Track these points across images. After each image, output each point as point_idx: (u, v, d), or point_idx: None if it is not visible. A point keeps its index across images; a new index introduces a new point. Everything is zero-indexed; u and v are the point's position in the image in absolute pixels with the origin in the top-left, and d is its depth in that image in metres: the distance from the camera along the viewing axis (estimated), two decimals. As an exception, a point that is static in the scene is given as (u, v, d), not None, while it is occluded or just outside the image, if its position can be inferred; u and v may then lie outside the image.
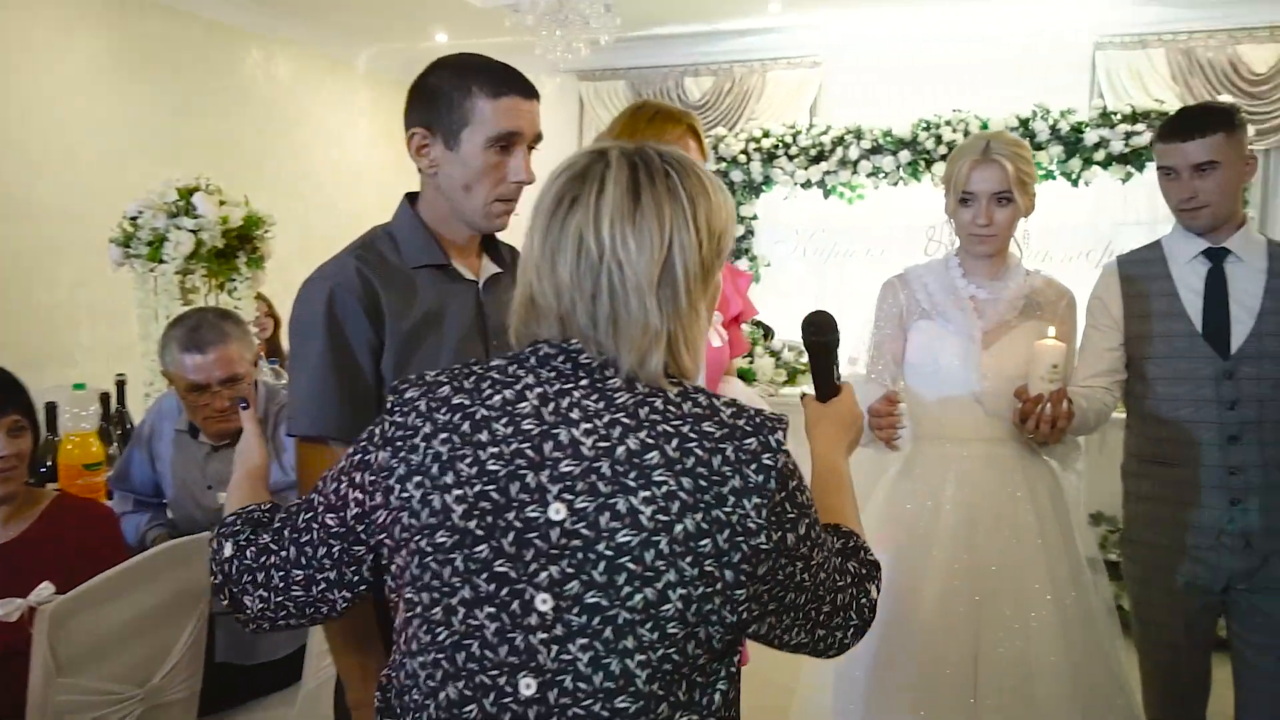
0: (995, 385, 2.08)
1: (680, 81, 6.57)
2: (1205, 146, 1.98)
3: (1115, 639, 2.15)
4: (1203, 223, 2.04)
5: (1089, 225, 5.58)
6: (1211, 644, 2.18)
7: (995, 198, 2.05)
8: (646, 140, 1.89)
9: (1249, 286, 2.03)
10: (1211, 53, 5.48)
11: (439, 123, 1.49)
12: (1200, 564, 2.06)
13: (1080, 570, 2.10)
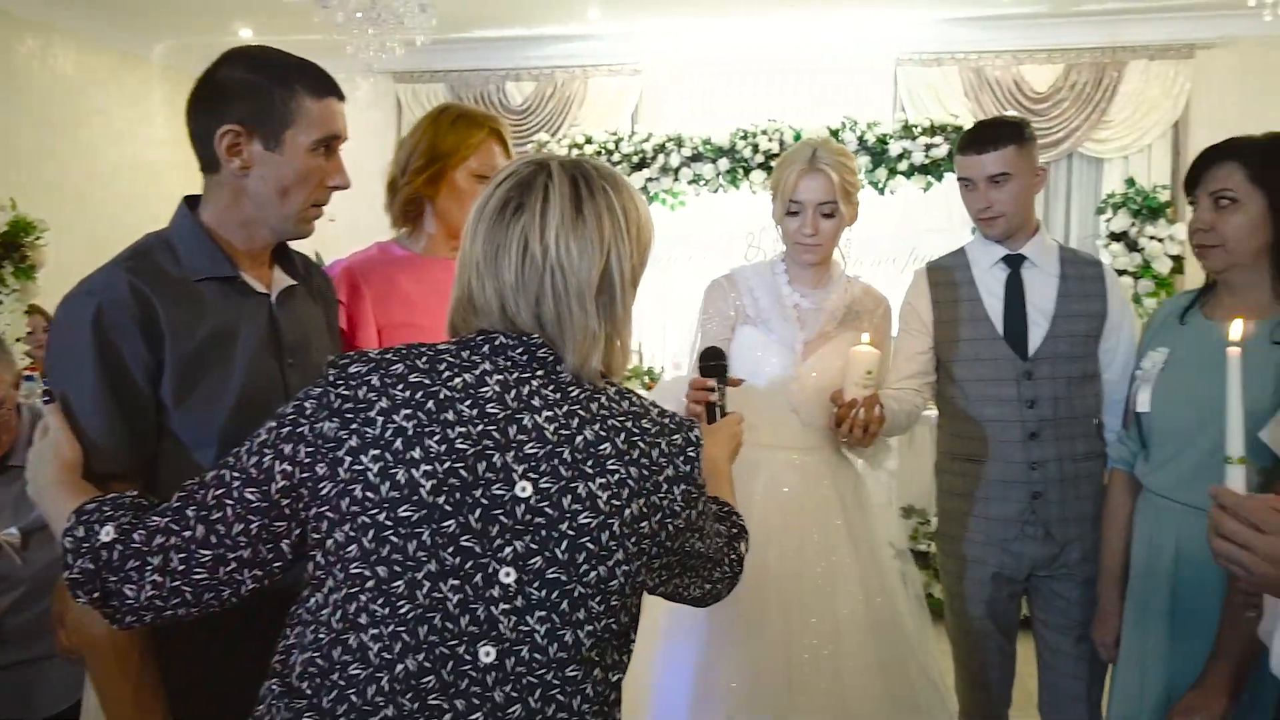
0: (812, 396, 2.12)
1: (501, 86, 6.47)
2: (998, 159, 2.08)
3: (925, 630, 2.25)
4: (999, 231, 2.15)
5: (895, 233, 5.88)
6: (1016, 630, 2.30)
7: (820, 208, 2.07)
8: (449, 143, 1.84)
9: (1044, 291, 2.15)
10: (998, 72, 5.89)
11: (258, 121, 1.38)
12: (1006, 554, 2.16)
13: (887, 572, 2.17)
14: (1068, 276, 2.15)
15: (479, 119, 1.89)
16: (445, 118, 1.87)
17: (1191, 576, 1.75)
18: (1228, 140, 1.79)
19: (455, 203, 1.85)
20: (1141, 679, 1.83)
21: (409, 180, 1.84)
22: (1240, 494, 1.09)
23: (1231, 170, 1.73)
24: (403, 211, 1.88)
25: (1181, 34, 5.75)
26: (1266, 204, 1.71)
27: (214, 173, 1.42)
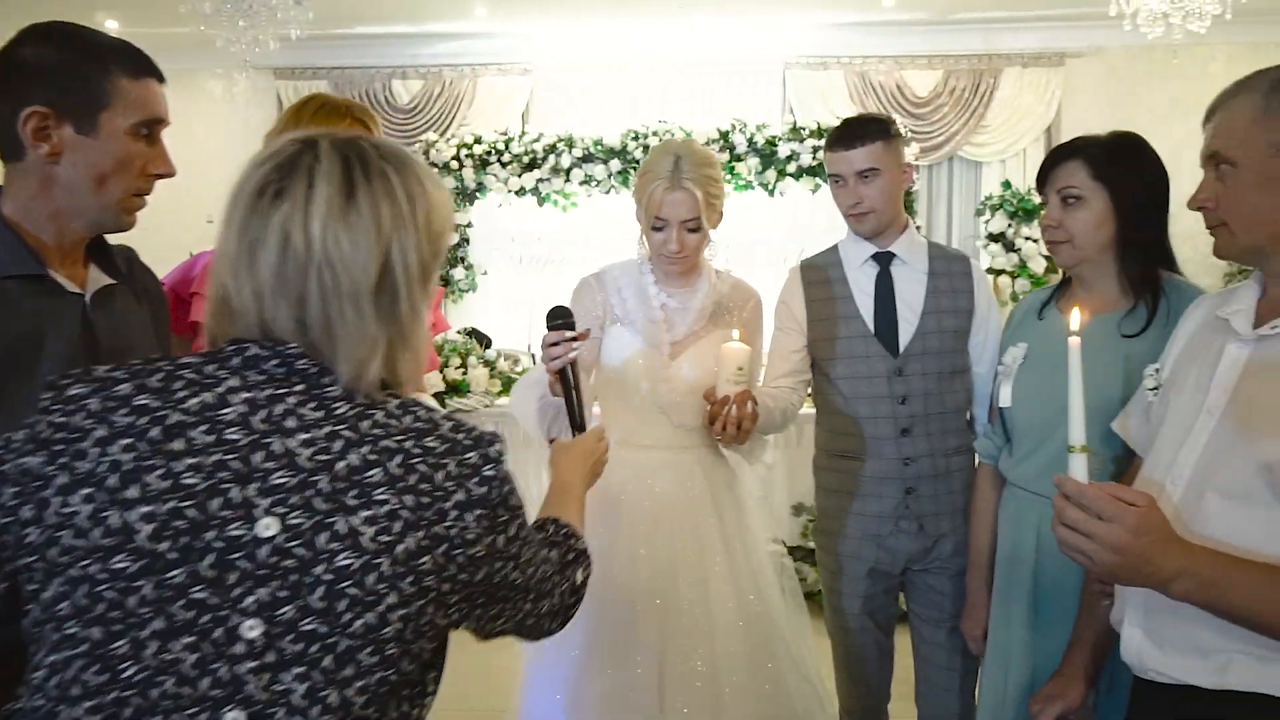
0: (682, 397, 2.11)
1: (387, 84, 6.30)
2: (866, 154, 2.09)
3: (804, 629, 2.24)
4: (869, 227, 2.16)
5: (785, 234, 5.94)
6: (894, 624, 2.31)
7: (685, 224, 2.05)
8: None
9: (913, 288, 2.17)
10: (882, 76, 6.02)
11: (68, 102, 1.27)
12: (882, 549, 2.17)
13: (761, 571, 2.16)
14: (936, 273, 2.17)
15: (341, 107, 1.83)
16: (308, 108, 1.83)
17: (1052, 567, 1.77)
18: (1073, 139, 1.83)
19: None
20: (1006, 669, 1.85)
21: None
22: (1083, 482, 1.09)
23: (1075, 168, 1.77)
24: None
25: (1053, 43, 5.98)
26: (1109, 200, 1.75)
27: (17, 160, 1.30)
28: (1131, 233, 1.75)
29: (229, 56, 5.04)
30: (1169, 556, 1.07)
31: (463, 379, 4.40)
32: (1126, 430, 1.51)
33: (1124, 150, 1.77)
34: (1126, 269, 1.77)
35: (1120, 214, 1.74)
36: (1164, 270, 1.78)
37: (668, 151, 2.06)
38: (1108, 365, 1.69)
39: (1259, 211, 1.19)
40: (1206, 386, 1.24)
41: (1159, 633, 1.22)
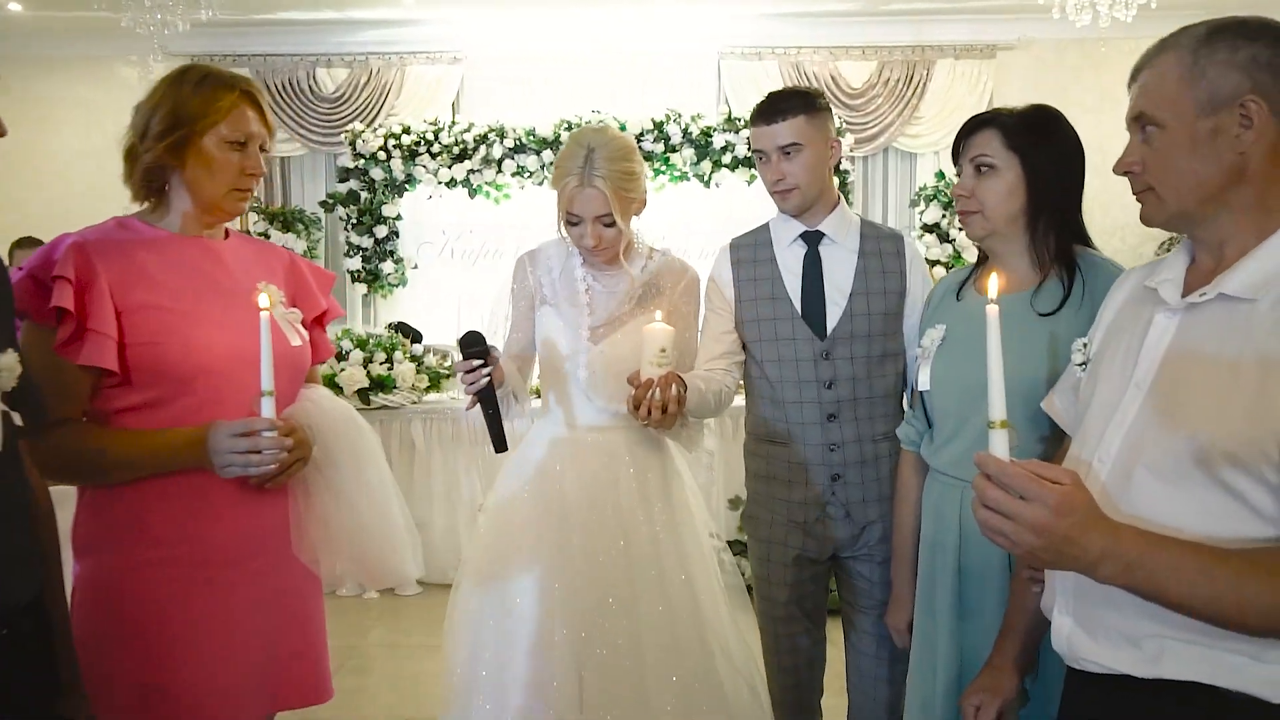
0: (603, 381, 2.06)
1: (312, 72, 6.10)
2: (789, 129, 2.02)
3: (743, 624, 2.18)
4: (794, 204, 2.09)
5: (721, 225, 5.88)
6: (824, 613, 2.26)
7: (599, 219, 2.02)
8: (194, 106, 1.63)
9: (842, 268, 2.11)
10: (817, 67, 6.00)
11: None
12: (809, 536, 2.12)
13: (693, 559, 2.09)
14: (866, 252, 2.11)
15: (228, 80, 1.71)
16: (189, 79, 1.68)
17: (976, 555, 1.72)
18: (989, 110, 1.80)
19: (206, 172, 1.66)
20: (934, 661, 1.80)
21: (149, 147, 1.64)
22: (1004, 461, 1.02)
23: (989, 137, 1.73)
24: (144, 182, 1.67)
25: (983, 35, 6.02)
26: (1021, 170, 1.71)
27: None
28: (1043, 204, 1.71)
29: (144, 42, 4.83)
30: (1094, 537, 1.00)
31: (388, 375, 4.26)
32: (1055, 408, 1.46)
33: (1038, 121, 1.74)
34: (1036, 242, 1.73)
35: (1031, 184, 1.71)
36: (1079, 246, 1.75)
37: (580, 144, 2.01)
38: (1024, 344, 1.64)
39: (1188, 175, 1.13)
40: (1135, 359, 1.18)
41: (1090, 620, 1.16)
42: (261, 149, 1.73)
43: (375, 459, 1.83)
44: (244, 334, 1.63)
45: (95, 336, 1.53)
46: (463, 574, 2.16)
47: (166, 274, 1.64)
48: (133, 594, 1.59)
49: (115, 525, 1.61)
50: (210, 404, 1.61)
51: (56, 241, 1.60)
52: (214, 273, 1.69)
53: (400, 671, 3.69)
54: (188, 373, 1.59)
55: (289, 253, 1.91)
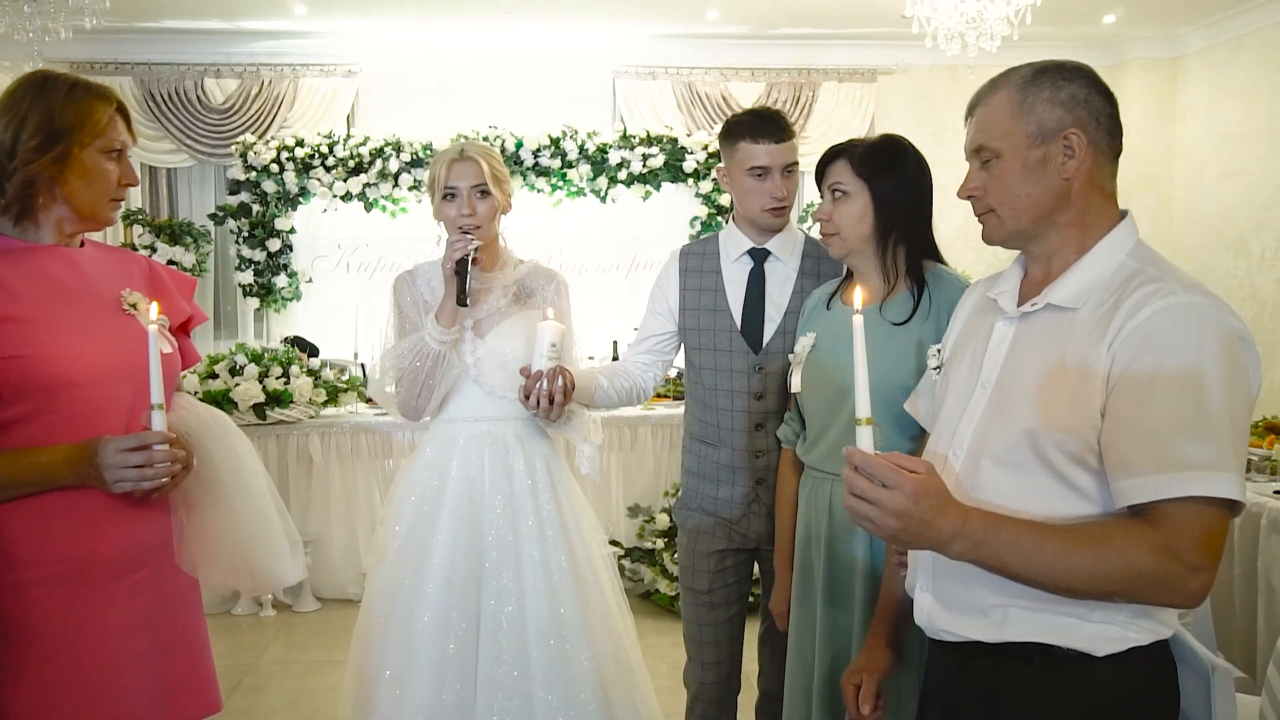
0: (492, 369, 2.24)
1: (200, 81, 5.97)
2: (791, 148, 2.16)
3: (629, 624, 2.33)
4: (783, 221, 2.22)
5: (616, 240, 6.01)
6: (744, 610, 2.37)
7: (475, 190, 2.20)
8: (69, 118, 1.61)
9: (782, 286, 2.23)
10: (708, 87, 6.19)
11: None
12: (734, 531, 2.26)
13: (577, 547, 2.24)
14: (805, 272, 2.24)
15: (101, 91, 1.68)
16: (56, 88, 1.64)
17: (843, 545, 1.88)
18: (843, 142, 1.97)
19: (84, 184, 1.64)
20: (810, 645, 1.93)
21: (26, 160, 1.59)
22: (869, 453, 1.14)
23: (841, 166, 1.91)
24: (18, 195, 1.61)
25: (865, 60, 6.32)
26: (869, 195, 1.88)
27: None
28: (889, 225, 1.88)
29: (20, 48, 4.66)
30: (946, 519, 1.14)
31: (284, 389, 4.21)
32: (917, 410, 1.61)
33: (883, 151, 1.90)
34: (885, 258, 1.90)
35: (879, 208, 1.87)
36: (930, 261, 1.92)
37: (453, 144, 2.30)
38: (879, 351, 1.79)
39: (1023, 198, 1.29)
40: (980, 362, 1.34)
41: (945, 594, 1.30)
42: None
43: (251, 463, 1.83)
44: (108, 343, 1.62)
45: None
46: (370, 575, 2.29)
47: (25, 285, 1.59)
48: (17, 615, 1.54)
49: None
50: (81, 418, 1.57)
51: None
52: (74, 283, 1.65)
53: (298, 687, 3.65)
54: (54, 386, 1.55)
55: (147, 259, 1.88)
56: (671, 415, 4.48)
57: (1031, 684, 1.24)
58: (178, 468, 1.59)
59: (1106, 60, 6.37)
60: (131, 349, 1.62)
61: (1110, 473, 1.17)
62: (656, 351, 2.35)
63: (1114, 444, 1.16)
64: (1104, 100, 1.28)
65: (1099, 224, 1.29)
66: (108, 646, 1.61)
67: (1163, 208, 6.36)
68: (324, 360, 4.70)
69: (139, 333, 1.63)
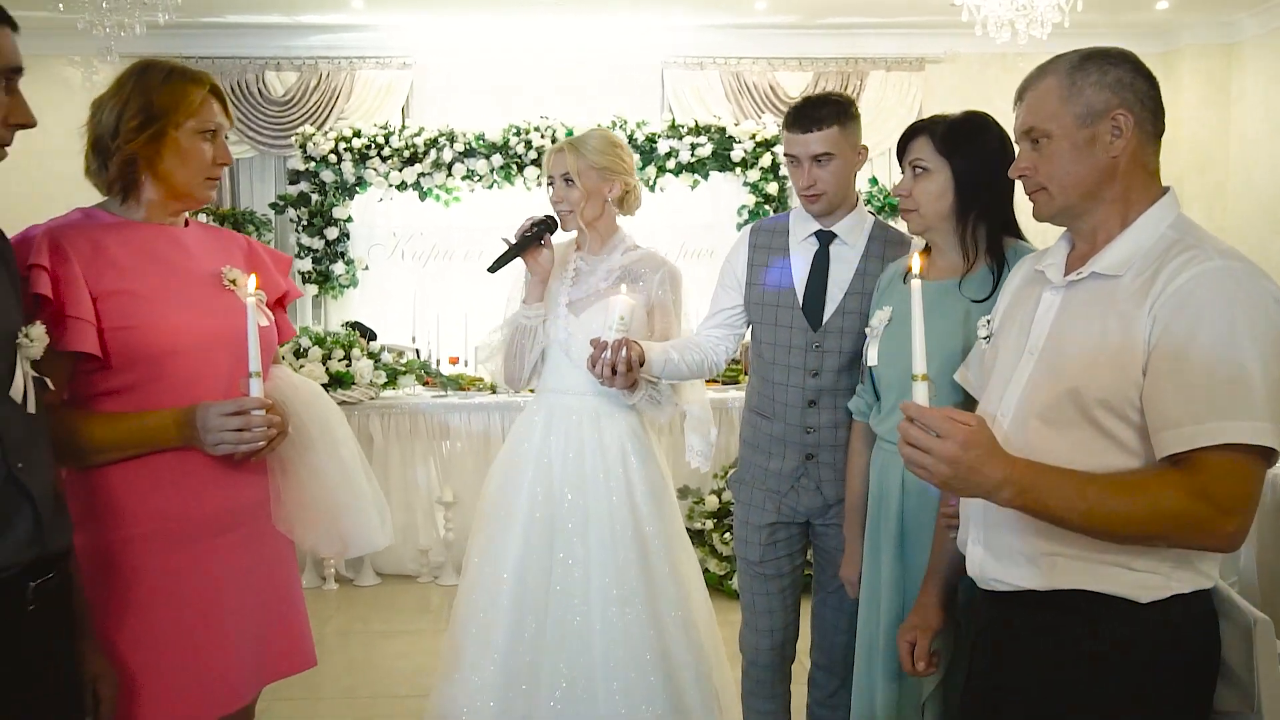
0: (581, 343, 2.33)
1: (261, 75, 6.17)
2: (822, 139, 2.19)
3: (698, 588, 2.47)
4: (819, 208, 2.28)
5: (666, 229, 6.09)
6: (798, 579, 2.45)
7: (563, 178, 2.40)
8: (165, 100, 1.73)
9: (846, 268, 2.30)
10: (756, 77, 6.25)
11: None
12: (783, 504, 2.34)
13: (646, 522, 2.35)
14: (871, 254, 2.30)
15: (196, 75, 1.77)
16: (155, 73, 1.74)
17: (915, 509, 1.94)
18: (925, 118, 2.02)
19: (180, 163, 1.73)
20: (877, 603, 2.01)
21: (125, 140, 1.69)
22: (924, 406, 1.23)
23: (923, 143, 1.95)
24: (120, 174, 1.73)
25: (913, 49, 6.34)
26: (950, 172, 1.93)
27: None
28: (970, 202, 1.92)
29: (89, 42, 4.85)
30: (994, 467, 1.22)
31: (347, 371, 4.37)
32: (966, 379, 1.68)
33: (965, 127, 1.95)
34: (965, 235, 1.94)
35: (959, 185, 1.92)
36: (1011, 238, 1.96)
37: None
38: (951, 323, 1.85)
39: (1072, 175, 1.37)
40: (1028, 330, 1.42)
41: (995, 545, 1.38)
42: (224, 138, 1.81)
43: (344, 433, 1.92)
44: (210, 316, 1.72)
45: (76, 323, 1.58)
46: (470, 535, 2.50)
47: (134, 260, 1.69)
48: (126, 568, 1.65)
49: (100, 504, 1.65)
50: (183, 384, 1.67)
51: (25, 232, 1.64)
52: (178, 258, 1.75)
53: (358, 657, 3.81)
54: (159, 355, 1.65)
55: (246, 238, 1.97)
56: (721, 399, 4.55)
57: (1077, 630, 1.32)
58: (274, 432, 1.69)
59: (1159, 47, 6.33)
60: (231, 322, 1.72)
61: (1151, 427, 1.25)
62: (727, 325, 2.43)
63: (1154, 399, 1.24)
64: (1147, 83, 1.36)
65: (1141, 199, 1.37)
66: (208, 599, 1.71)
67: (1217, 194, 6.30)
68: (383, 344, 4.85)
69: (238, 307, 1.74)
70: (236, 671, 1.75)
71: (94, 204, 1.79)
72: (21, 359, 1.38)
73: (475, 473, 4.30)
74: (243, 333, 1.68)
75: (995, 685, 1.43)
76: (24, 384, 1.37)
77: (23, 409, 1.37)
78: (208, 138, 1.76)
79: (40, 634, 1.38)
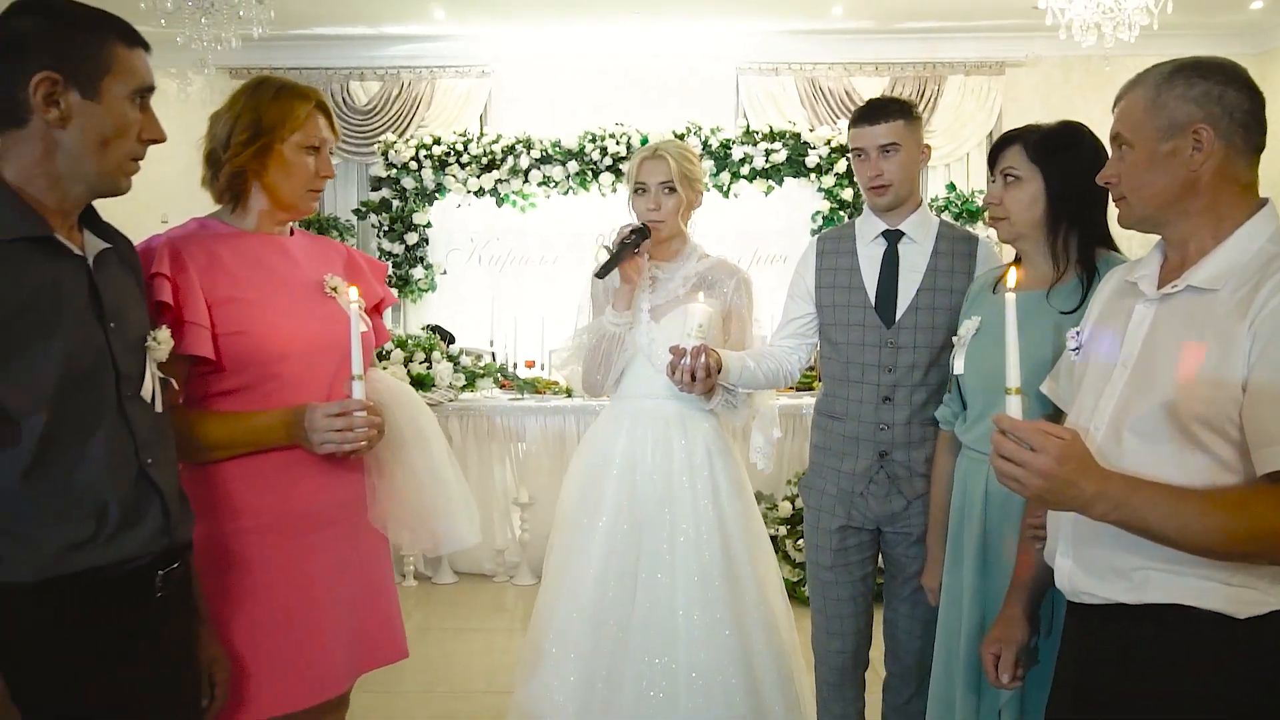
0: (663, 349, 2.36)
1: (345, 85, 6.35)
2: (889, 130, 2.26)
3: (779, 592, 2.48)
4: (887, 200, 2.31)
5: (739, 235, 6.10)
6: (870, 584, 2.46)
7: (662, 186, 2.42)
8: (273, 115, 1.81)
9: (916, 265, 2.33)
10: (831, 82, 6.23)
11: (72, 68, 1.33)
12: (854, 507, 2.35)
13: (730, 526, 2.37)
14: (940, 252, 2.33)
15: (303, 91, 1.86)
16: (266, 89, 1.84)
17: (998, 519, 1.93)
18: (1019, 127, 2.02)
19: (285, 176, 1.82)
20: (958, 615, 2.00)
21: (234, 154, 1.79)
22: (1017, 419, 1.23)
23: (1016, 151, 1.95)
24: (228, 185, 1.82)
25: (993, 53, 6.24)
26: (1042, 181, 1.92)
27: (18, 127, 1.34)
28: (1061, 212, 1.91)
29: (184, 55, 5.05)
30: (1089, 481, 1.22)
31: (427, 373, 4.48)
32: (1054, 390, 1.67)
33: (1059, 136, 1.94)
34: (1056, 245, 1.93)
35: (1051, 194, 1.91)
36: (1103, 249, 1.94)
37: (648, 145, 2.52)
38: (1041, 337, 1.84)
39: (1149, 186, 1.37)
40: (1120, 342, 1.41)
41: (1086, 559, 1.38)
42: (330, 152, 1.90)
43: (435, 435, 1.98)
44: (314, 322, 1.80)
45: (193, 328, 1.66)
46: (550, 537, 2.53)
47: (245, 268, 1.78)
48: (236, 558, 1.74)
49: (213, 497, 1.74)
50: (290, 387, 1.76)
51: (147, 242, 1.73)
52: (285, 267, 1.83)
53: (437, 652, 3.90)
54: (268, 359, 1.74)
55: (345, 246, 2.05)
56: (795, 405, 4.56)
57: (1170, 645, 1.30)
58: (374, 432, 1.76)
59: (1252, 49, 6.13)
60: (333, 327, 1.81)
61: (1251, 443, 1.23)
62: (799, 335, 2.47)
63: (1255, 415, 1.23)
64: (1242, 96, 1.34)
65: (1234, 214, 1.35)
66: (309, 590, 1.79)
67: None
68: (461, 347, 4.96)
69: (340, 313, 1.82)
70: (334, 660, 1.82)
71: (207, 214, 1.89)
72: (150, 361, 1.47)
73: (551, 475, 4.37)
74: (344, 338, 1.76)
75: (1083, 698, 1.42)
76: (153, 385, 1.46)
77: (151, 408, 1.46)
78: (311, 152, 1.83)
79: (167, 621, 1.46)
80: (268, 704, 1.74)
